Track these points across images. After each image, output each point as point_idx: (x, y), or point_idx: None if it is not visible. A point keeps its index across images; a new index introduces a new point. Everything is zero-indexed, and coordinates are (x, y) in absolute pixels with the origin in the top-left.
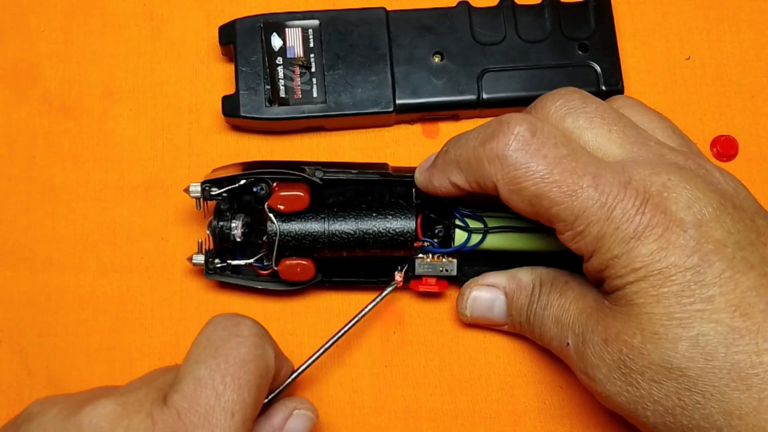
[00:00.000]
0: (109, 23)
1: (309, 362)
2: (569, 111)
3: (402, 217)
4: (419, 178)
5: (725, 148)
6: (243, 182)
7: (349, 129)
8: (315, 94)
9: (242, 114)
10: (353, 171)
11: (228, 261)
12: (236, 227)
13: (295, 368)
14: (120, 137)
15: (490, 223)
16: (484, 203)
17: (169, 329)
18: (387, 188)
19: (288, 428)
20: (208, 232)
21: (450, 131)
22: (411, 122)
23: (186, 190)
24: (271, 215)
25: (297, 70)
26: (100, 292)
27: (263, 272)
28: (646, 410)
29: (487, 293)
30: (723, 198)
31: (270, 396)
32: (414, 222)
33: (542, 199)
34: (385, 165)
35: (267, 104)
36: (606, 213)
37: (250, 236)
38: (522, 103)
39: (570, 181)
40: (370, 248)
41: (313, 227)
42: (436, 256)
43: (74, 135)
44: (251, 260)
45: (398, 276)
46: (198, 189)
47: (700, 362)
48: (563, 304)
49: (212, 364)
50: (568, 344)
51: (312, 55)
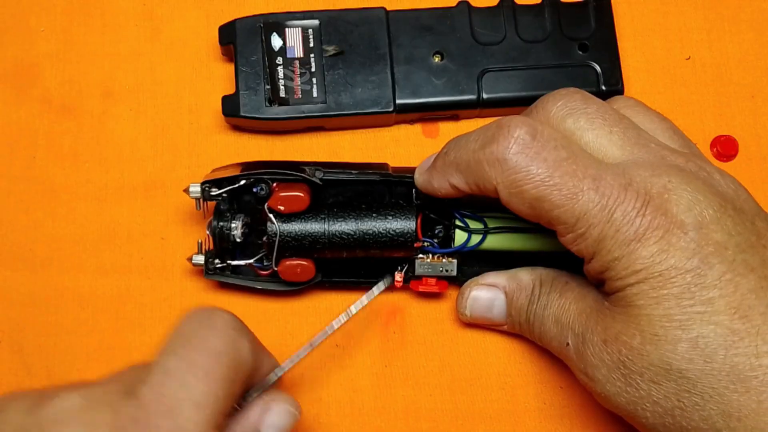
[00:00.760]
0: (109, 23)
1: (295, 359)
2: (570, 112)
3: (402, 218)
4: (419, 180)
5: (725, 148)
6: (243, 183)
7: (349, 129)
8: (315, 94)
9: (242, 114)
10: (353, 171)
11: (228, 261)
12: (236, 227)
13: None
14: (120, 137)
15: (491, 224)
16: (484, 204)
17: (169, 329)
18: (387, 188)
19: (267, 423)
20: (208, 233)
21: (450, 131)
22: (411, 122)
23: (186, 191)
24: (271, 216)
25: (297, 70)
26: (100, 292)
27: (263, 272)
28: (646, 411)
29: (487, 293)
30: (723, 200)
31: (250, 392)
32: (414, 222)
33: (543, 202)
34: (385, 165)
35: (267, 104)
36: (607, 215)
37: (250, 236)
38: (522, 103)
39: (570, 184)
40: (370, 248)
41: (313, 227)
42: (436, 257)
43: (74, 135)
44: (251, 260)
45: (398, 276)
46: (198, 189)
47: (700, 364)
48: (563, 305)
49: (182, 355)
50: (568, 344)
51: (312, 55)
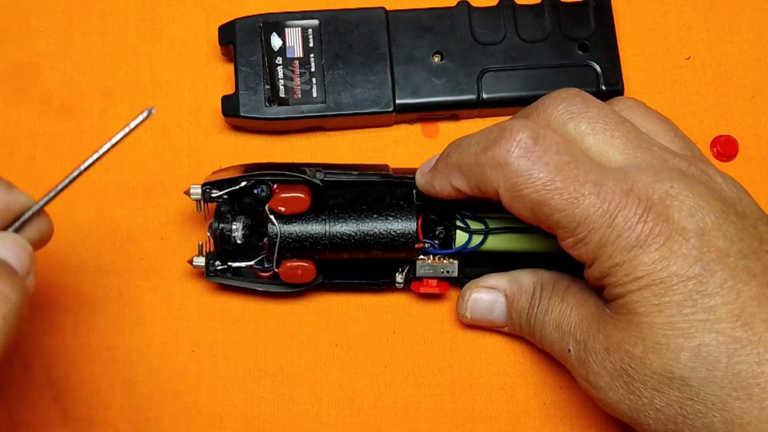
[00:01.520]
0: (109, 23)
1: (51, 194)
2: (571, 116)
3: (403, 219)
4: (420, 181)
5: (725, 148)
6: (243, 184)
7: (349, 129)
8: (315, 94)
9: (242, 114)
10: (354, 172)
11: (228, 263)
12: (237, 229)
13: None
14: None
15: (491, 224)
16: (486, 205)
17: (169, 329)
18: (387, 190)
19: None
20: (209, 234)
21: (450, 131)
22: (411, 122)
23: (186, 193)
24: (272, 217)
25: (296, 70)
26: (100, 293)
27: (264, 274)
28: (648, 418)
29: (488, 295)
30: (725, 205)
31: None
32: (415, 223)
33: (543, 206)
34: (386, 166)
35: (267, 104)
36: (608, 220)
37: (251, 238)
38: (522, 103)
39: (572, 189)
40: (371, 250)
41: (314, 229)
42: (437, 258)
43: (74, 135)
44: (252, 262)
45: (399, 278)
46: (198, 191)
47: (702, 372)
48: (564, 310)
49: None
50: (570, 351)
51: (311, 55)
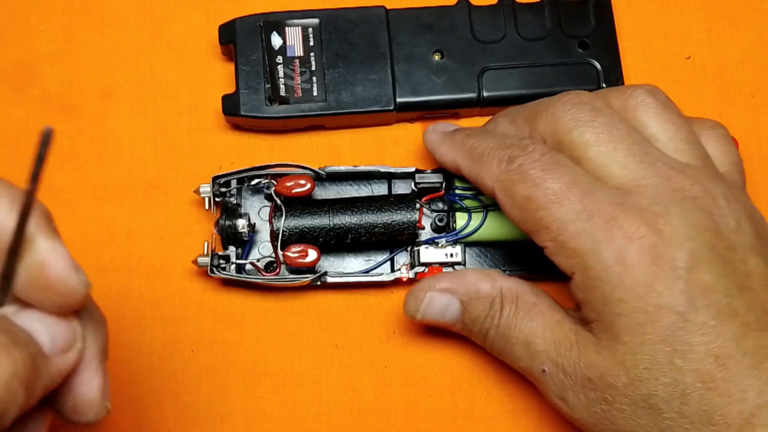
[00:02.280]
0: (109, 23)
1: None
2: (577, 124)
3: (404, 209)
4: (430, 136)
5: None
6: (249, 178)
7: (350, 128)
8: (315, 93)
9: (242, 113)
10: (355, 166)
11: (233, 260)
12: (243, 226)
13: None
14: (120, 137)
15: (488, 201)
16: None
17: (169, 329)
18: (389, 180)
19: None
20: (215, 231)
21: None
22: (411, 120)
23: (196, 191)
24: (277, 200)
25: (297, 69)
26: (100, 293)
27: (267, 273)
28: None
29: (442, 298)
30: (719, 236)
31: None
32: (416, 213)
33: (530, 202)
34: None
35: (267, 103)
36: (590, 227)
37: (255, 235)
38: (522, 102)
39: (558, 189)
40: (374, 240)
41: (317, 222)
42: (441, 244)
43: (74, 135)
44: (256, 259)
45: (405, 271)
46: (208, 189)
47: (676, 405)
48: (535, 329)
49: None
50: (545, 371)
51: (312, 54)
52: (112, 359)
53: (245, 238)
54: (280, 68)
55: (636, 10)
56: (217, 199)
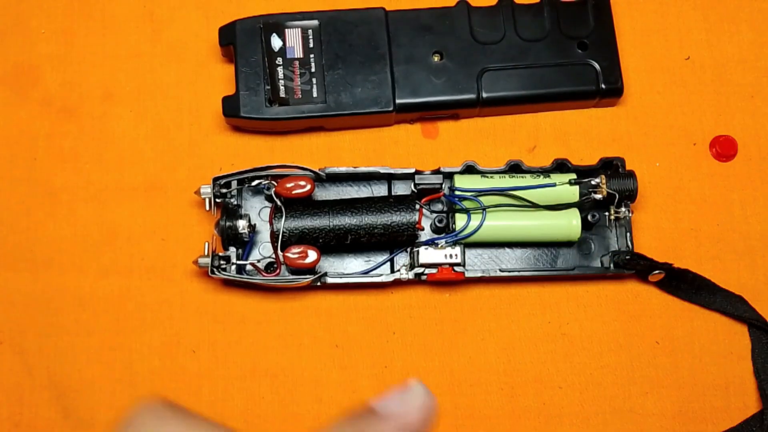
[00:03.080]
0: (110, 25)
1: None
2: None
3: (404, 210)
4: None
5: (725, 148)
6: (251, 180)
7: (349, 129)
8: (315, 94)
9: (242, 114)
10: (355, 168)
11: (233, 261)
12: (243, 226)
13: None
14: (120, 139)
15: (487, 202)
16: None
17: (170, 330)
18: (388, 182)
19: None
20: (216, 232)
21: (450, 131)
22: (411, 122)
23: (197, 192)
24: (278, 201)
25: (297, 70)
26: (101, 293)
27: (267, 274)
28: None
29: None
30: None
31: None
32: (415, 214)
33: None
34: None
35: (267, 104)
36: None
37: (256, 236)
38: (521, 102)
39: None
40: (373, 241)
41: (317, 223)
42: (441, 245)
43: (75, 136)
44: (256, 260)
45: (405, 271)
46: (209, 190)
47: None
48: None
49: None
50: None
51: (311, 56)
52: (114, 360)
53: (246, 239)
54: (280, 70)
55: (635, 11)
56: (218, 200)
